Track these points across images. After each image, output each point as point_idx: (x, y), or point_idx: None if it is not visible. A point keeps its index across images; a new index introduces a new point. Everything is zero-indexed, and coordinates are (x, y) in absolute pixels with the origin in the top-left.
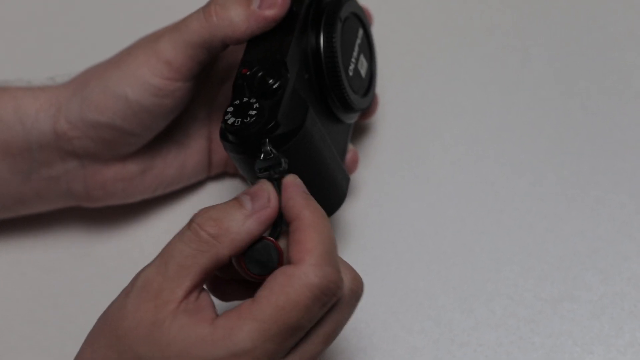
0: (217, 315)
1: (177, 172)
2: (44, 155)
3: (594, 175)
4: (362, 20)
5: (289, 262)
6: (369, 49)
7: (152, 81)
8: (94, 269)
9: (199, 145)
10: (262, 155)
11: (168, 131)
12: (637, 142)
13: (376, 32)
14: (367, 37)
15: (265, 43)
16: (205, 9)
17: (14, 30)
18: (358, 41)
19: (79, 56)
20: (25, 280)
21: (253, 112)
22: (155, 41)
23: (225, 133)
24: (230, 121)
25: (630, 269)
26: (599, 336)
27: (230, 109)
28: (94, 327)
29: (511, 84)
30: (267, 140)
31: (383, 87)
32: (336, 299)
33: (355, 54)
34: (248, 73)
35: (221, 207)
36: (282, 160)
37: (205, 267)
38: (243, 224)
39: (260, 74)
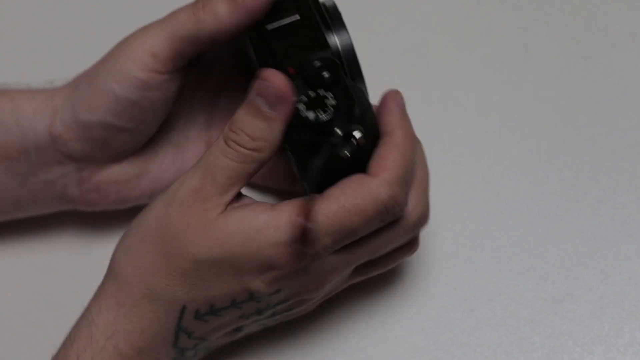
0: (272, 205)
1: (174, 176)
2: (40, 158)
3: (594, 175)
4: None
5: (368, 172)
6: None
7: (138, 75)
8: (93, 269)
9: (198, 150)
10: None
11: (165, 134)
12: (637, 142)
13: (376, 32)
14: None
15: (293, 47)
16: (194, 4)
17: (14, 34)
18: None
19: (79, 60)
20: (24, 281)
21: (333, 102)
22: (141, 33)
23: (302, 132)
24: (311, 116)
25: (630, 268)
26: (600, 336)
27: (302, 106)
28: (127, 239)
29: (511, 84)
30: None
31: (383, 87)
32: (395, 218)
33: None
34: (295, 72)
35: (245, 118)
36: (362, 135)
37: (251, 174)
38: (273, 129)
39: (317, 64)
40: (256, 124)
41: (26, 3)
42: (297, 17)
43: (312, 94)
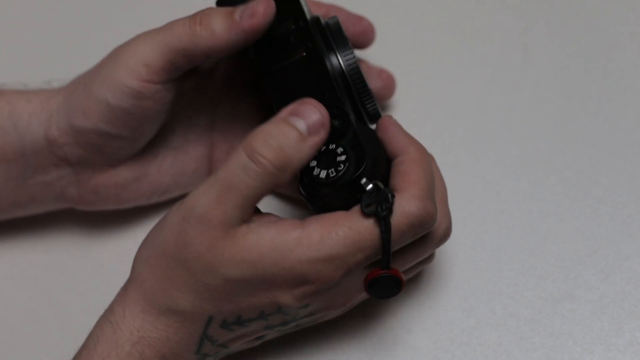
0: (301, 221)
1: (174, 179)
2: (37, 161)
3: (594, 174)
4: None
5: (394, 190)
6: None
7: (130, 84)
8: (93, 269)
9: (198, 152)
10: (368, 192)
11: (164, 137)
12: (637, 142)
13: (376, 32)
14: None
15: (299, 87)
16: (191, 17)
17: (13, 34)
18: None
19: (77, 60)
20: (24, 281)
21: (342, 158)
22: (136, 42)
23: (317, 189)
24: (323, 175)
25: (630, 268)
26: (600, 336)
27: (314, 162)
28: (147, 247)
29: (511, 84)
30: (365, 178)
31: None
32: (427, 231)
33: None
34: None
35: (277, 131)
36: (389, 195)
37: (267, 193)
38: (302, 152)
39: None
40: (289, 140)
41: (24, 3)
42: (302, 54)
43: (322, 148)
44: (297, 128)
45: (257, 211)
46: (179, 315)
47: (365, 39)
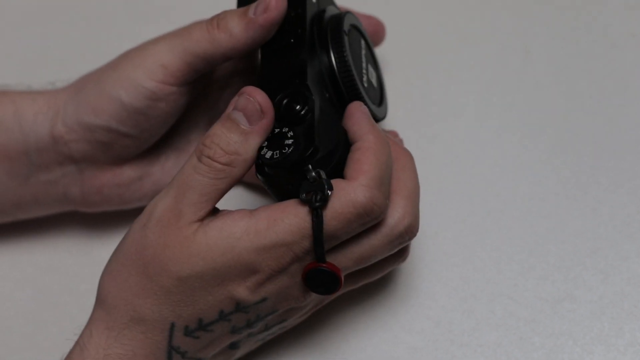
0: (250, 211)
1: None
2: (41, 159)
3: (594, 175)
4: (361, 31)
5: (345, 177)
6: (372, 58)
7: (146, 84)
8: (93, 269)
9: None
10: (308, 180)
11: (167, 138)
12: (637, 142)
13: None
14: (369, 46)
15: (277, 71)
16: (208, 22)
17: (16, 35)
18: (363, 52)
19: (81, 62)
20: (25, 281)
21: (289, 142)
22: (153, 44)
23: (263, 168)
24: (268, 155)
25: (630, 268)
26: (599, 336)
27: (265, 143)
28: (111, 262)
29: (512, 84)
30: (310, 166)
31: (386, 88)
32: (376, 221)
33: (364, 65)
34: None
35: (220, 130)
36: (326, 187)
37: (223, 190)
38: (248, 144)
39: (285, 101)
40: (231, 138)
41: (27, 6)
42: (291, 40)
43: (276, 130)
44: (238, 122)
45: (216, 211)
46: (141, 325)
47: (376, 37)
